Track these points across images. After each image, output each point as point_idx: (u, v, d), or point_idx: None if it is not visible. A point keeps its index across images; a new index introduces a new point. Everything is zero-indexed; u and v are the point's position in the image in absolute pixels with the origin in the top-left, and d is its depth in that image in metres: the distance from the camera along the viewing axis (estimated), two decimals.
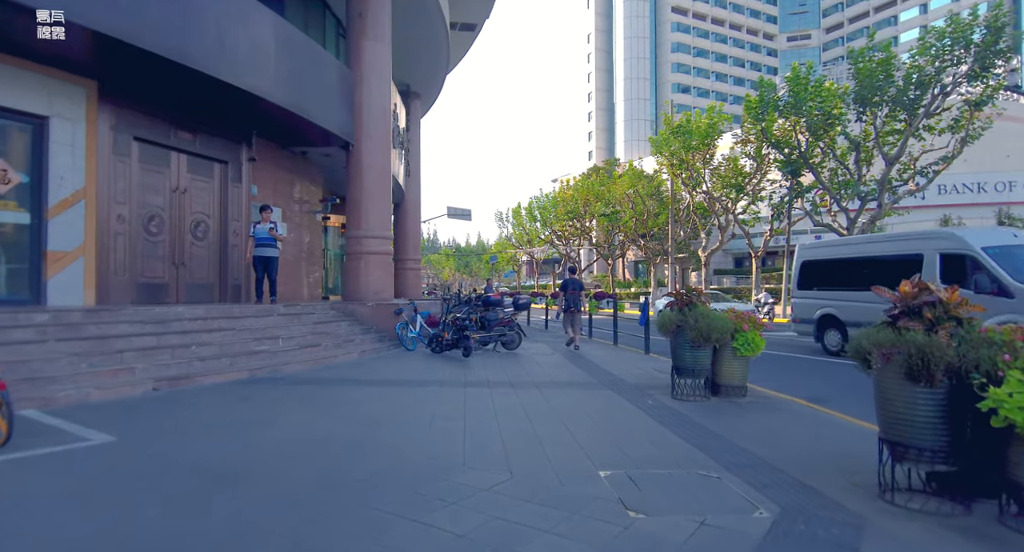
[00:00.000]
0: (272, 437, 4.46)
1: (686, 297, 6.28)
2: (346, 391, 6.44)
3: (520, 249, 56.99)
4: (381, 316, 11.00)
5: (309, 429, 4.73)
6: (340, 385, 6.83)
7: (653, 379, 7.64)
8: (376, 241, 11.96)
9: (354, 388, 6.63)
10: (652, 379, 7.64)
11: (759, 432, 4.84)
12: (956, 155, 19.43)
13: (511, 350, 10.78)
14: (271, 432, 4.60)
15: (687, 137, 27.02)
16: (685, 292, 6.32)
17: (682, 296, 6.32)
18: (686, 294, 6.30)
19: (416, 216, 20.57)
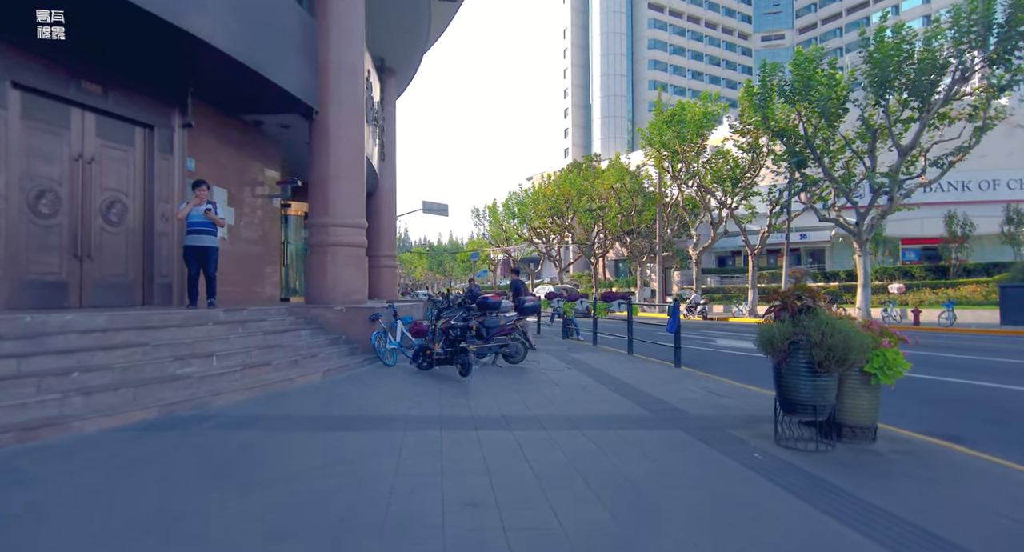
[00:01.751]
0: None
1: (800, 300, 4.36)
2: (297, 443, 4.33)
3: (497, 247, 54.94)
4: (353, 323, 8.85)
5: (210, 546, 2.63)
6: (290, 429, 4.70)
7: (721, 409, 5.73)
8: (347, 231, 9.81)
9: (310, 436, 4.51)
10: (720, 409, 5.73)
11: (964, 516, 2.94)
12: (973, 145, 18.21)
13: (514, 364, 8.78)
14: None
15: (681, 126, 25.42)
16: (797, 292, 4.40)
17: (793, 298, 4.40)
18: (799, 295, 4.38)
19: (391, 207, 18.36)
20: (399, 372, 7.83)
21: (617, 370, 8.46)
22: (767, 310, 4.56)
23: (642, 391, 6.68)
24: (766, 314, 4.57)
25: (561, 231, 43.69)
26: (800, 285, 4.44)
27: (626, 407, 5.76)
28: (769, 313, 4.48)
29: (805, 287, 4.43)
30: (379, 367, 8.17)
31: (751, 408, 5.75)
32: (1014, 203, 22.95)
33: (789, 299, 4.41)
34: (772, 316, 4.44)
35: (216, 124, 9.80)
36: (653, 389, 6.82)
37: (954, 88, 17.52)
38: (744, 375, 8.43)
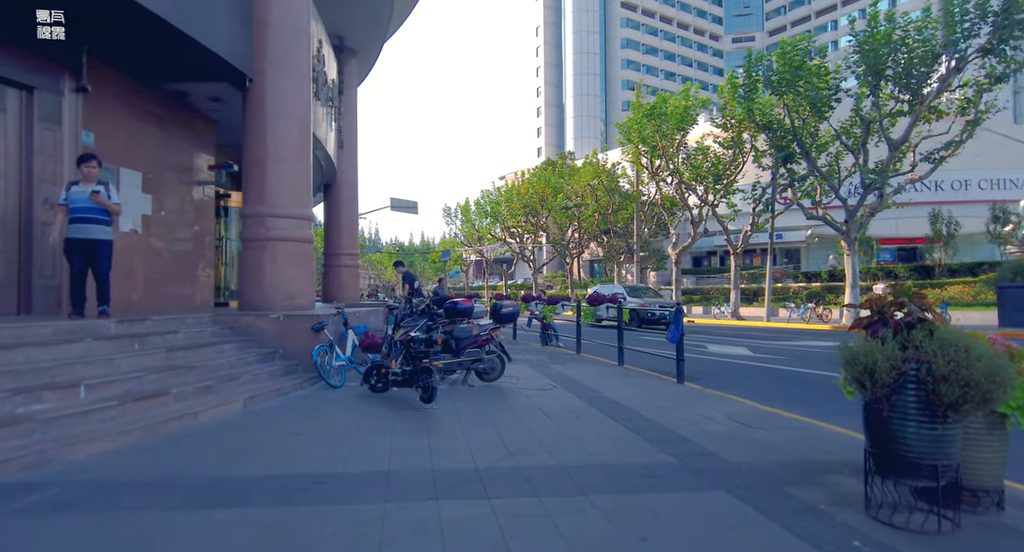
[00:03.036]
0: None
1: (903, 308, 3.02)
2: (158, 537, 2.79)
3: (469, 247, 53.34)
4: (292, 333, 7.26)
5: None
6: (158, 505, 3.15)
7: (763, 449, 4.38)
8: (289, 223, 8.21)
9: (186, 520, 2.97)
10: (761, 449, 4.38)
11: None
12: (965, 139, 17.51)
13: (490, 382, 7.33)
14: None
15: (662, 120, 24.34)
16: (900, 297, 3.05)
17: (893, 306, 3.06)
18: (902, 301, 3.03)
19: (352, 201, 16.67)
20: (346, 397, 6.29)
21: (612, 388, 7.08)
22: (854, 324, 3.21)
23: (651, 420, 5.30)
24: (853, 327, 3.21)
25: (535, 230, 42.35)
26: (903, 287, 3.10)
27: (640, 449, 4.36)
28: (860, 326, 3.13)
29: (910, 290, 3.09)
30: (322, 389, 6.61)
31: (800, 448, 4.41)
32: (999, 202, 22.56)
33: (888, 308, 3.06)
34: (864, 332, 3.09)
35: (127, 92, 8.08)
36: (663, 416, 5.44)
37: (948, 79, 16.76)
38: (760, 392, 7.15)
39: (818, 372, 9.00)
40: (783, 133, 19.48)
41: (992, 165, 33.83)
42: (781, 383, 8.15)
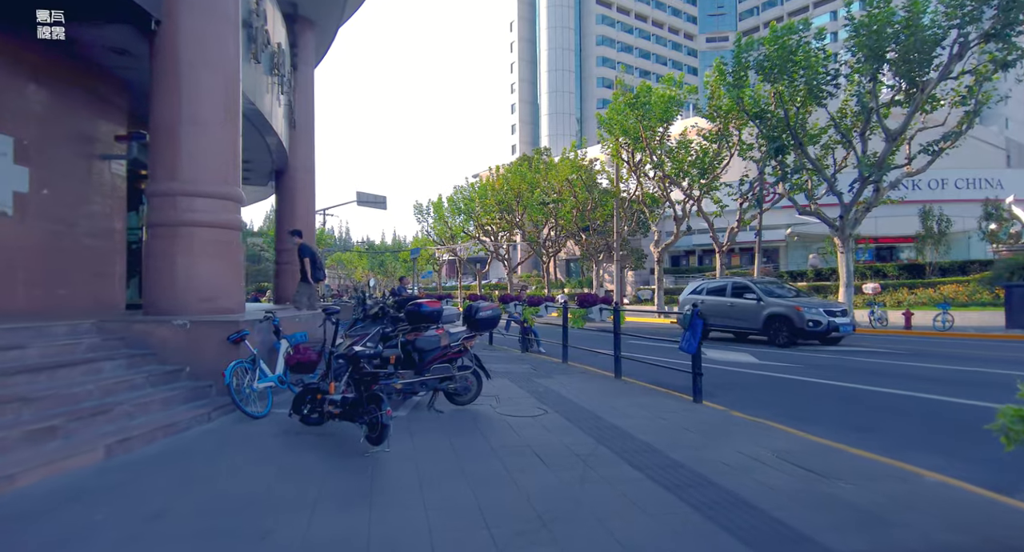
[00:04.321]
0: None
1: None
2: None
3: (442, 246, 51.55)
4: (205, 345, 5.57)
5: None
6: None
7: (870, 524, 2.94)
8: (209, 203, 6.53)
9: None
10: (869, 526, 2.93)
11: None
12: (965, 130, 16.62)
13: (463, 405, 5.77)
14: None
15: (645, 109, 23.07)
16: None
17: None
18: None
19: (308, 190, 14.88)
20: (265, 434, 4.64)
21: (618, 412, 5.59)
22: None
23: (687, 467, 3.81)
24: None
25: (510, 228, 40.82)
26: None
27: (692, 528, 2.86)
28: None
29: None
30: (237, 421, 4.96)
31: (920, 519, 2.98)
32: (992, 201, 21.96)
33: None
34: None
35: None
36: (700, 459, 3.97)
37: (950, 66, 15.82)
38: (796, 413, 5.77)
39: (844, 384, 7.67)
40: (775, 122, 18.35)
41: (967, 164, 33.66)
42: (812, 399, 6.79)
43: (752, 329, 13.15)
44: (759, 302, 13.07)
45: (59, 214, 7.26)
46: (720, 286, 14.47)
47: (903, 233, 31.98)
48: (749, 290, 13.47)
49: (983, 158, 38.97)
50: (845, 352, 11.69)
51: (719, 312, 13.76)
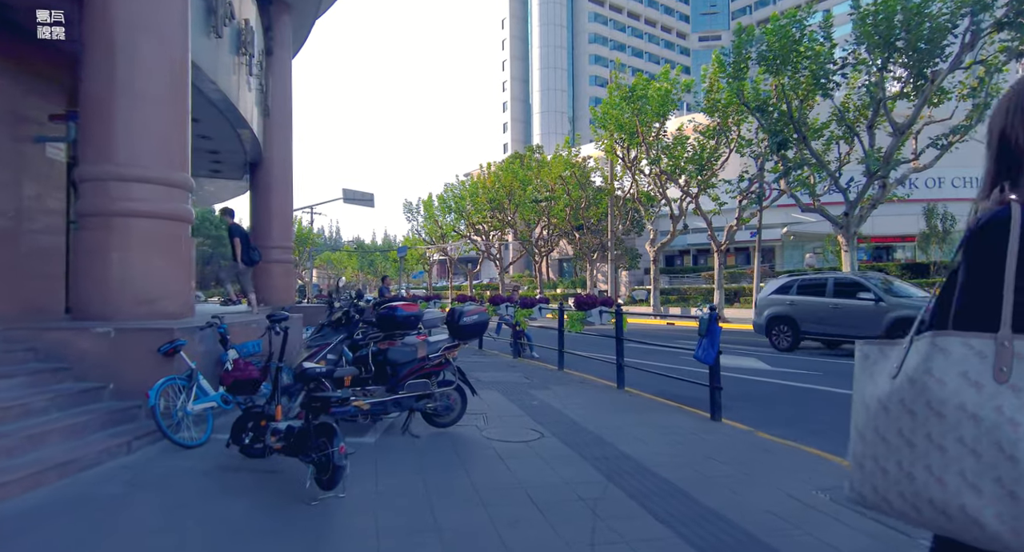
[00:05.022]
0: None
1: None
2: None
3: (432, 245, 50.58)
4: (133, 357, 4.64)
5: None
6: None
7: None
8: (150, 190, 5.62)
9: None
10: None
11: None
12: (975, 123, 15.93)
13: (443, 426, 4.89)
14: None
15: (642, 102, 22.28)
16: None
17: None
18: None
19: (285, 184, 13.93)
20: (193, 472, 3.74)
21: (627, 435, 4.73)
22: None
23: (726, 519, 2.96)
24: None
25: (502, 227, 39.92)
26: None
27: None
28: None
29: None
30: (163, 453, 4.05)
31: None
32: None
33: None
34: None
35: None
36: (741, 508, 3.11)
37: (961, 56, 15.12)
38: (839, 437, 4.92)
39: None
40: (777, 116, 17.60)
41: (964, 163, 33.22)
42: (844, 416, 5.97)
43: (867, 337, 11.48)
44: (878, 303, 10.64)
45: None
46: (817, 283, 11.92)
47: (900, 232, 31.40)
48: (862, 288, 11.05)
49: (979, 157, 38.60)
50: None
51: (818, 315, 11.36)
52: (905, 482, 0.88)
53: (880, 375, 0.98)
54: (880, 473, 0.92)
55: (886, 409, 0.93)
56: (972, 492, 0.80)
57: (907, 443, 0.88)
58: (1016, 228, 0.87)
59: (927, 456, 0.86)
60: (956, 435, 0.83)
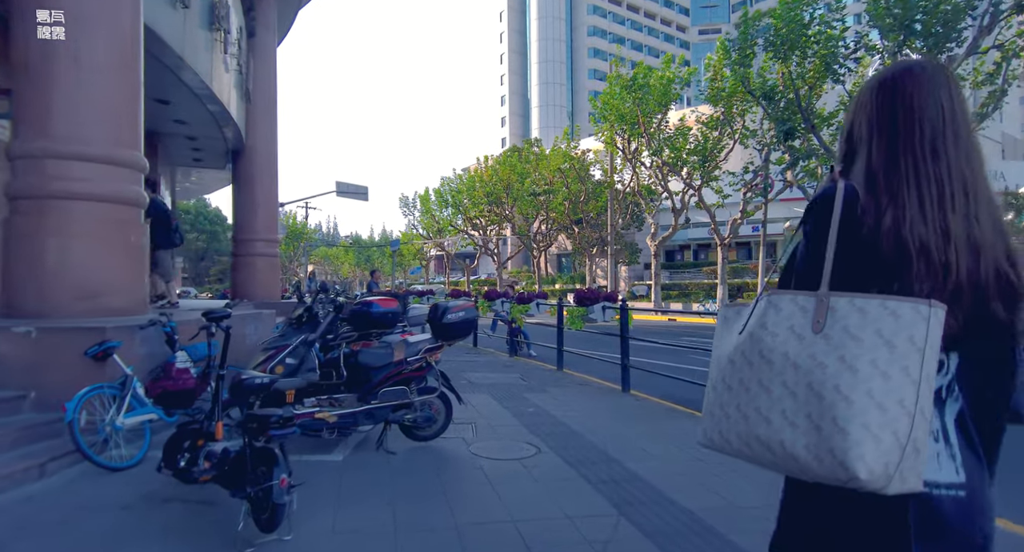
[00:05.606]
0: None
1: None
2: None
3: (429, 240, 49.88)
4: (60, 362, 3.98)
5: None
6: None
7: None
8: (93, 169, 4.97)
9: None
10: None
11: None
12: (991, 111, 15.28)
13: (425, 439, 4.24)
14: None
15: (644, 92, 21.58)
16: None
17: None
18: None
19: (270, 173, 13.21)
20: (110, 502, 3.07)
21: (636, 449, 4.08)
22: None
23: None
24: None
25: (500, 221, 39.20)
26: None
27: None
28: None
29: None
30: (83, 478, 3.38)
31: None
32: (1011, 192, 20.75)
33: None
34: None
35: None
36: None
37: (979, 40, 14.45)
38: None
39: None
40: (785, 104, 16.90)
41: None
42: None
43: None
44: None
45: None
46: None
47: None
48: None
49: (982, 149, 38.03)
50: None
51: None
52: (741, 423, 0.98)
53: (732, 333, 1.07)
54: (724, 418, 1.01)
55: (732, 361, 1.02)
56: (790, 428, 0.91)
57: (745, 389, 0.99)
58: (839, 202, 1.01)
59: (758, 399, 0.96)
60: (781, 379, 0.94)
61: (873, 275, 0.99)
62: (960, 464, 0.97)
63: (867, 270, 0.99)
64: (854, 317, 0.91)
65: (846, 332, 0.91)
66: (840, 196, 1.01)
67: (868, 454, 0.84)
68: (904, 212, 0.98)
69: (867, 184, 1.03)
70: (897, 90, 1.06)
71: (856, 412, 0.86)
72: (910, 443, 0.86)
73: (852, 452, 0.85)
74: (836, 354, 0.91)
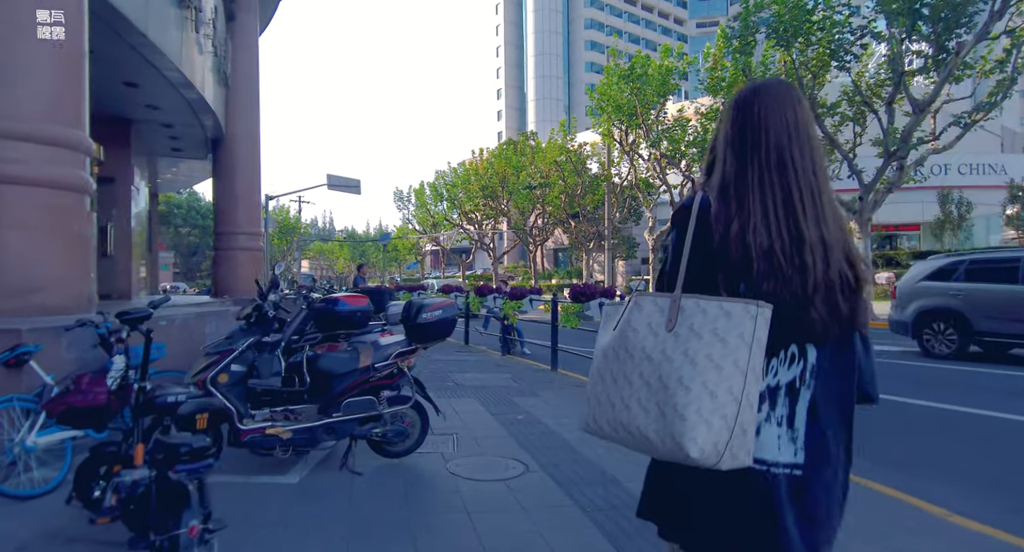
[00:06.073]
0: None
1: None
2: None
3: (424, 235, 49.27)
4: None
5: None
6: None
7: None
8: (28, 150, 4.44)
9: None
10: None
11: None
12: (1000, 100, 14.79)
13: (398, 455, 3.73)
14: None
15: (642, 82, 21.02)
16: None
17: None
18: None
19: (252, 163, 12.60)
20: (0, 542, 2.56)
21: (635, 465, 3.53)
22: None
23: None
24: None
25: (495, 215, 38.64)
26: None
27: None
28: None
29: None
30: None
31: None
32: (1017, 184, 20.29)
33: None
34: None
35: None
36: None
37: (990, 26, 13.94)
38: (921, 462, 3.74)
39: (945, 406, 5.72)
40: None
41: (965, 150, 32.19)
42: (915, 430, 4.83)
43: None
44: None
45: None
46: (1000, 263, 8.45)
47: (903, 221, 30.39)
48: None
49: (979, 144, 37.57)
50: (881, 353, 9.81)
51: (1007, 310, 8.05)
52: (610, 410, 1.08)
53: (609, 329, 1.16)
54: (598, 405, 1.11)
55: (606, 355, 1.12)
56: (644, 414, 1.02)
57: (614, 380, 1.09)
58: (695, 212, 1.11)
59: (623, 389, 1.07)
60: (639, 371, 1.05)
61: (725, 277, 1.06)
62: (800, 447, 1.06)
63: (720, 272, 1.07)
64: (698, 316, 1.01)
65: (691, 330, 1.01)
66: (696, 206, 1.11)
67: (700, 437, 0.95)
68: (749, 218, 1.06)
69: (720, 194, 1.11)
70: (747, 108, 1.15)
71: (692, 399, 0.97)
72: (737, 425, 0.97)
73: (687, 435, 0.95)
74: (681, 349, 1.01)
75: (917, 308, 9.09)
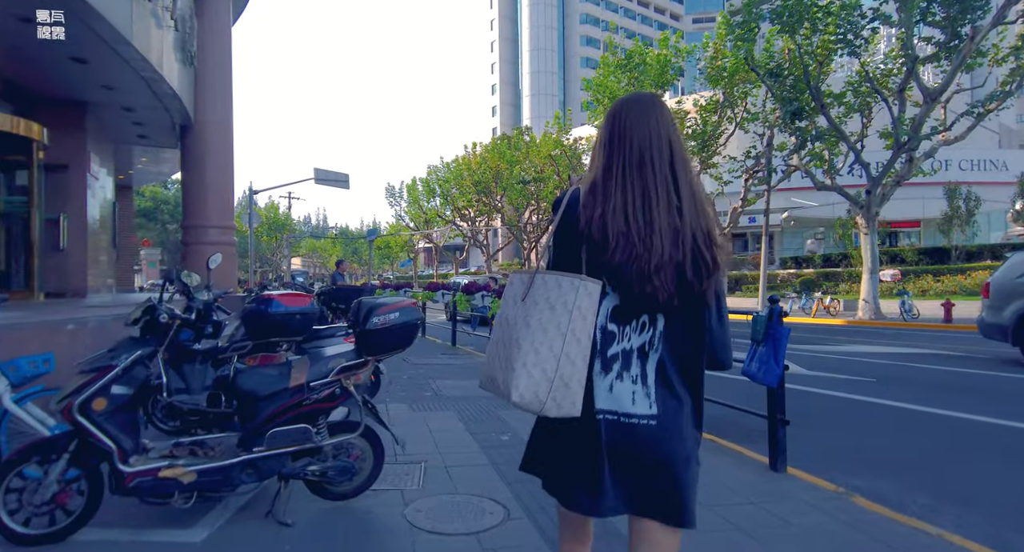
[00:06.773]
0: None
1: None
2: None
3: (417, 232, 48.40)
4: None
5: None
6: None
7: None
8: None
9: None
10: None
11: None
12: (1015, 90, 14.14)
13: (342, 496, 2.94)
14: None
15: (640, 72, 20.26)
16: None
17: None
18: None
19: (224, 153, 11.78)
20: None
21: None
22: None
23: None
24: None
25: (489, 212, 37.82)
26: None
27: None
28: None
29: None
30: None
31: None
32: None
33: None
34: None
35: None
36: None
37: (1005, 11, 13.28)
38: (970, 490, 2.99)
39: (970, 416, 4.98)
40: (792, 82, 15.63)
41: (964, 146, 31.65)
42: (950, 446, 4.10)
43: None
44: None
45: None
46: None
47: (906, 217, 29.79)
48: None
49: (978, 140, 37.11)
50: (907, 356, 9.12)
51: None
52: (489, 365, 1.28)
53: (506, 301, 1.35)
54: (485, 364, 1.31)
55: (498, 322, 1.31)
56: (501, 370, 1.22)
57: (494, 343, 1.29)
58: (565, 201, 1.31)
59: (495, 348, 1.27)
60: (503, 334, 1.26)
61: (589, 255, 1.24)
62: (654, 401, 1.24)
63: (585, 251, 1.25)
64: (541, 289, 1.23)
65: (534, 300, 1.23)
66: (567, 197, 1.31)
67: (522, 385, 1.16)
68: (609, 207, 1.24)
69: (590, 188, 1.30)
70: (617, 117, 1.34)
71: (521, 355, 1.19)
72: (557, 378, 1.16)
73: (512, 383, 1.17)
74: (523, 315, 1.23)
75: (1019, 309, 7.58)
